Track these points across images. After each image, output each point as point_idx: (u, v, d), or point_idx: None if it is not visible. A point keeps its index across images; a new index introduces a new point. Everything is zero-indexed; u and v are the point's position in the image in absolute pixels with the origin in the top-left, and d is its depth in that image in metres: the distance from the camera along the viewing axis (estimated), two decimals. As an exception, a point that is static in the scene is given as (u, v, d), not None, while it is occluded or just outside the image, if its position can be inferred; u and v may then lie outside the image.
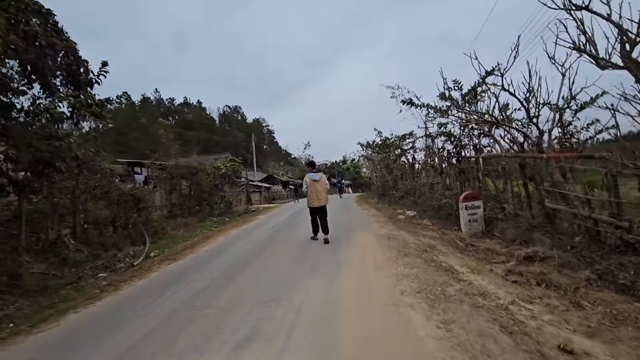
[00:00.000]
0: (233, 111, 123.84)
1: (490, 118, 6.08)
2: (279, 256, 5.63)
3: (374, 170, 26.31)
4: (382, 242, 6.14)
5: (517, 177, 6.30)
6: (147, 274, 5.46)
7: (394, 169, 16.83)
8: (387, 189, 16.93)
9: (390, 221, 8.97)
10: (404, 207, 12.15)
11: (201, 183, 13.33)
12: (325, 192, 6.99)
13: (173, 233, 10.83)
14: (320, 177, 7.01)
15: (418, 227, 7.84)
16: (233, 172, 15.39)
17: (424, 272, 4.18)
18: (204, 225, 12.19)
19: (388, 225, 8.27)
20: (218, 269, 5.20)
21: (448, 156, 8.76)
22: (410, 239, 6.41)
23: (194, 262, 5.93)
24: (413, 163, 13.74)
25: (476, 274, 4.13)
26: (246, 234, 8.70)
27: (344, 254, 5.45)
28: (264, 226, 10.09)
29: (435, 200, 9.95)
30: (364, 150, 31.63)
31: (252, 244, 7.05)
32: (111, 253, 7.88)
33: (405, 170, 14.88)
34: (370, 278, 4.09)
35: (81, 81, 4.92)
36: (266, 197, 27.25)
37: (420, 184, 12.19)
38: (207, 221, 13.02)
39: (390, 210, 11.73)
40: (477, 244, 5.79)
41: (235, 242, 7.54)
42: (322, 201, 6.88)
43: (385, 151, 17.82)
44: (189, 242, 8.19)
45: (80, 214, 7.86)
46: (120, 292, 4.50)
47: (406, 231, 7.27)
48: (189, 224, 12.33)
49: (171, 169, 11.97)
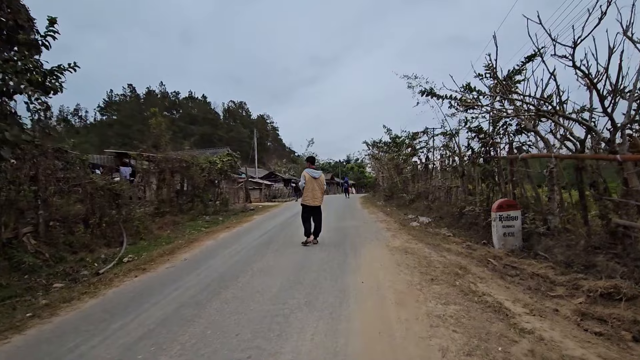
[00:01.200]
0: (238, 107, 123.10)
1: (543, 105, 4.84)
2: (270, 274, 4.46)
3: (380, 171, 25.09)
4: (398, 259, 4.95)
5: (569, 183, 5.08)
6: (102, 290, 4.32)
7: (403, 170, 15.60)
8: (396, 190, 15.73)
9: (403, 229, 7.78)
10: (416, 212, 10.95)
11: (194, 178, 12.20)
12: (322, 192, 6.58)
13: (158, 233, 9.73)
14: (320, 176, 6.61)
15: (437, 238, 6.64)
16: (230, 167, 14.25)
17: (465, 313, 2.99)
18: (194, 224, 11.07)
19: (401, 235, 7.08)
20: (190, 289, 4.05)
21: (473, 156, 7.53)
22: (433, 255, 5.22)
23: (165, 276, 4.79)
24: (427, 163, 12.52)
25: (538, 318, 2.94)
26: (236, 239, 7.55)
27: (351, 275, 4.27)
28: (258, 229, 8.94)
29: (454, 206, 8.74)
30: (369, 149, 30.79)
31: (240, 254, 5.89)
32: (79, 256, 6.79)
33: (417, 171, 13.65)
34: (391, 320, 2.91)
35: (19, 41, 3.78)
36: (266, 195, 26.09)
37: (434, 186, 10.98)
38: (199, 220, 11.91)
39: (401, 216, 10.54)
40: (518, 266, 4.59)
41: (222, 250, 6.39)
42: (317, 201, 6.49)
43: (395, 150, 16.57)
44: (170, 247, 7.06)
45: (44, 210, 6.77)
46: (51, 322, 3.35)
47: (425, 243, 6.08)
48: (178, 222, 11.22)
49: (160, 161, 10.84)
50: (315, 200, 6.48)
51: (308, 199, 6.46)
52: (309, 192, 6.45)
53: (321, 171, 6.82)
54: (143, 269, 5.28)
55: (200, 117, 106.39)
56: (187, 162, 11.52)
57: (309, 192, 6.45)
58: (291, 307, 3.23)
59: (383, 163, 20.16)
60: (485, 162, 7.01)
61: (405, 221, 9.09)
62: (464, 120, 7.64)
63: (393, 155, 16.83)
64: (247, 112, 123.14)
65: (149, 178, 10.86)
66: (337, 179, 60.09)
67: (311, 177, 6.50)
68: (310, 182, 6.47)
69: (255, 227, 9.33)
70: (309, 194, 6.46)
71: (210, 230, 9.25)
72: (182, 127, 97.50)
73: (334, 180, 57.86)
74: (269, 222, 10.36)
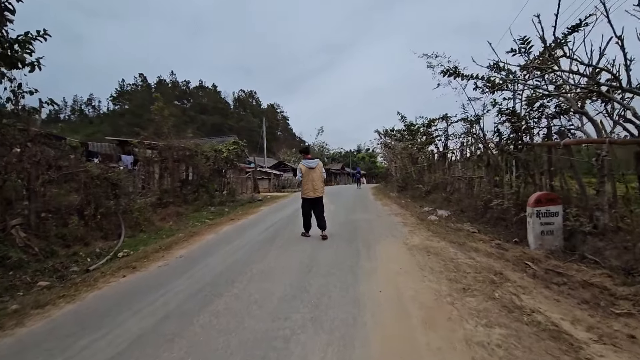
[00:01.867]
0: (248, 96, 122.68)
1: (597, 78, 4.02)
2: (271, 278, 3.86)
3: (392, 160, 24.22)
4: (420, 261, 4.29)
5: (626, 174, 4.29)
6: (83, 293, 3.82)
7: (418, 159, 14.76)
8: (410, 181, 14.95)
9: (421, 224, 7.09)
10: (433, 204, 10.21)
11: (199, 167, 11.70)
12: (322, 181, 6.19)
13: (160, 224, 9.30)
14: (317, 165, 6.22)
15: (461, 235, 5.94)
16: (236, 156, 13.70)
17: (516, 340, 2.33)
18: (198, 216, 10.61)
19: (420, 230, 6.39)
20: (178, 294, 3.50)
21: (502, 143, 6.73)
22: (460, 256, 4.54)
23: (155, 277, 4.26)
24: (445, 152, 11.68)
25: (612, 348, 2.27)
26: (239, 233, 7.00)
27: (365, 281, 3.64)
28: (264, 222, 8.38)
29: (476, 199, 7.98)
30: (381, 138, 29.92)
31: (241, 251, 5.32)
32: (73, 250, 6.37)
33: (434, 161, 12.81)
34: (420, 347, 2.27)
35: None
36: (275, 185, 25.57)
37: (453, 177, 10.19)
38: (204, 211, 11.45)
39: (417, 208, 9.82)
40: (564, 272, 3.87)
41: (222, 246, 5.84)
42: (318, 192, 6.09)
43: (409, 138, 15.70)
44: (168, 241, 6.57)
45: (33, 201, 6.34)
46: (13, 334, 2.84)
47: (448, 241, 5.39)
48: (181, 213, 10.78)
49: (162, 149, 10.34)
50: (317, 192, 6.07)
51: (309, 191, 6.06)
52: (308, 184, 6.06)
53: (317, 159, 6.38)
54: (133, 267, 4.76)
55: (211, 106, 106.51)
56: (190, 150, 10.99)
57: (308, 184, 6.06)
58: (293, 326, 2.62)
59: (396, 152, 19.31)
60: (517, 149, 6.21)
61: (422, 215, 8.38)
62: (491, 103, 6.81)
63: (407, 143, 15.95)
64: (257, 101, 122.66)
65: (151, 167, 10.39)
66: (348, 169, 59.27)
67: (308, 168, 6.10)
68: (308, 173, 6.08)
69: (260, 220, 8.77)
70: (308, 186, 6.05)
71: (214, 223, 8.74)
72: (193, 116, 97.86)
73: (345, 170, 57.08)
74: (275, 214, 9.80)
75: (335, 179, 51.32)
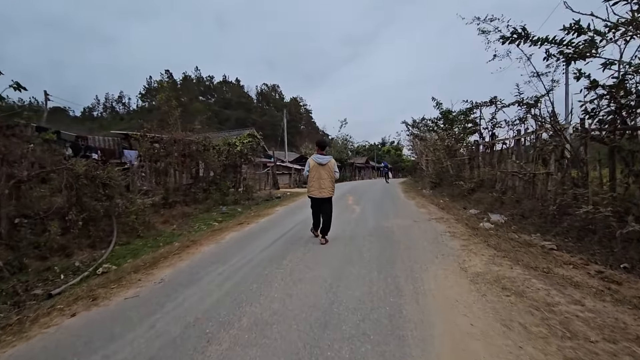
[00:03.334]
0: (271, 90, 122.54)
1: None
2: (264, 340, 2.47)
3: (423, 153, 22.28)
4: (499, 309, 2.75)
5: None
6: (2, 347, 2.64)
7: (457, 151, 12.87)
8: (446, 177, 13.14)
9: (475, 235, 5.48)
10: (480, 205, 8.49)
11: (208, 163, 10.58)
12: (331, 181, 5.49)
13: (162, 228, 8.27)
14: (329, 162, 5.54)
15: (535, 253, 4.33)
16: (251, 150, 12.47)
17: None
18: (207, 217, 9.50)
19: (477, 245, 4.81)
20: (138, 348, 2.23)
21: (592, 127, 4.96)
22: (556, 297, 2.96)
23: (109, 319, 3.01)
24: (492, 143, 9.81)
25: None
26: (246, 243, 5.72)
27: (420, 355, 2.18)
28: (275, 228, 7.07)
29: (542, 200, 6.25)
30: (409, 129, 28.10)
31: (237, 275, 3.99)
32: (49, 263, 5.37)
33: (477, 154, 10.90)
34: None
35: None
36: (296, 180, 24.26)
37: (506, 172, 8.40)
38: (214, 211, 10.34)
39: (461, 211, 8.14)
40: None
41: (221, 262, 4.56)
42: (324, 192, 5.42)
43: (446, 128, 13.77)
44: (157, 254, 5.41)
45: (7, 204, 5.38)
46: None
47: (524, 266, 3.80)
48: (189, 214, 9.72)
49: (167, 143, 9.26)
50: (322, 191, 5.40)
51: (314, 190, 5.44)
52: (314, 182, 5.44)
53: (330, 156, 5.65)
54: (94, 298, 3.57)
55: (234, 101, 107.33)
56: (198, 143, 9.85)
57: (314, 182, 5.44)
58: None
59: (429, 144, 17.37)
60: (616, 135, 4.46)
61: (471, 220, 6.74)
62: (575, 75, 5.03)
63: (444, 133, 13.98)
64: (280, 95, 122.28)
65: (155, 163, 9.36)
66: (373, 163, 57.42)
67: (317, 163, 5.46)
68: (316, 169, 5.44)
69: (272, 225, 7.46)
70: (314, 184, 5.43)
71: (220, 227, 7.54)
72: (217, 111, 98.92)
73: (369, 164, 55.22)
74: (291, 218, 8.47)
75: (359, 174, 49.58)
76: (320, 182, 5.41)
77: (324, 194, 5.41)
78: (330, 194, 5.47)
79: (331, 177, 5.46)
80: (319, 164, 5.46)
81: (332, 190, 5.50)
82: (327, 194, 5.43)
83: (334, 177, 5.50)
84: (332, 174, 5.49)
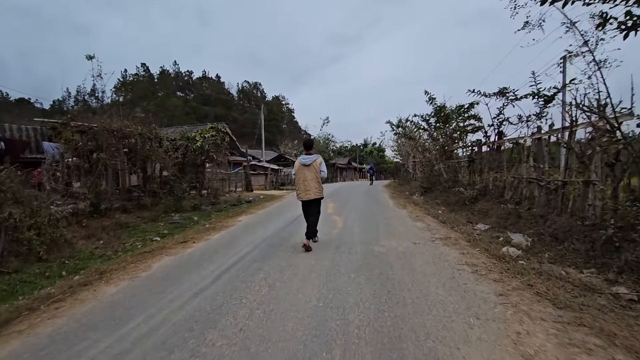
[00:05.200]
0: (252, 87, 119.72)
1: None
2: None
3: (410, 154, 20.91)
4: None
5: None
6: None
7: (453, 153, 11.37)
8: (439, 181, 11.64)
9: (506, 270, 3.85)
10: (486, 218, 6.97)
11: (159, 160, 8.57)
12: (317, 181, 5.18)
13: (82, 246, 6.30)
14: (313, 162, 5.21)
15: (621, 314, 2.74)
16: (215, 146, 10.48)
17: None
18: (150, 228, 7.53)
19: (520, 295, 3.14)
20: None
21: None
22: None
23: None
24: (500, 143, 8.30)
25: None
26: (176, 279, 3.87)
27: None
28: (231, 248, 5.24)
29: (583, 218, 4.73)
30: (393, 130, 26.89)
31: (161, 330, 2.17)
32: None
33: (481, 155, 9.35)
34: None
35: None
36: (273, 181, 22.27)
37: (519, 178, 6.90)
38: (162, 221, 8.36)
39: (467, 226, 6.56)
40: None
41: (114, 326, 2.70)
42: (310, 193, 5.15)
43: (438, 126, 12.23)
44: (17, 305, 3.46)
45: None
46: None
47: (626, 349, 2.19)
48: (127, 225, 7.69)
49: (97, 134, 7.21)
50: (308, 193, 5.17)
51: (300, 192, 5.26)
52: (300, 184, 5.25)
53: (317, 155, 5.39)
54: None
55: (214, 97, 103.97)
56: (141, 136, 7.84)
57: (300, 184, 5.25)
58: None
59: (418, 144, 15.87)
60: None
61: (486, 242, 5.13)
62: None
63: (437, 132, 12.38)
64: (262, 93, 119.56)
65: (84, 158, 7.29)
66: (355, 164, 56.28)
67: (301, 164, 5.27)
68: (301, 171, 5.26)
69: (226, 244, 5.61)
70: (300, 186, 5.25)
71: (155, 247, 5.61)
72: (195, 107, 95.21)
73: (351, 165, 53.94)
74: (256, 232, 6.65)
75: (341, 175, 48.07)
76: (305, 183, 5.18)
77: (310, 195, 5.16)
78: (316, 195, 5.19)
79: (317, 178, 5.18)
80: (303, 164, 5.24)
81: (319, 191, 5.21)
82: (313, 195, 5.17)
83: (319, 177, 5.19)
84: (317, 174, 5.19)
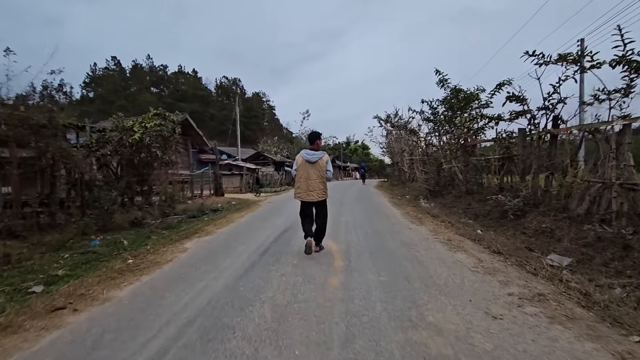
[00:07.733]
0: (232, 84, 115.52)
1: None
2: None
3: (406, 151, 18.74)
4: None
5: None
6: None
7: (473, 148, 9.07)
8: (452, 184, 9.37)
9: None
10: (551, 241, 4.70)
11: (56, 160, 5.83)
12: (322, 182, 4.63)
13: None
14: (319, 159, 4.63)
15: None
16: (161, 139, 7.70)
17: None
18: (44, 263, 4.78)
19: None
20: None
21: None
22: None
23: None
24: (557, 132, 6.02)
25: None
26: None
27: None
28: (144, 328, 2.64)
29: None
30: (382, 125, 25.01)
31: None
32: None
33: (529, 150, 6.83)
34: None
35: None
36: (249, 183, 19.43)
37: (608, 183, 4.66)
38: (72, 248, 5.61)
39: (529, 256, 4.25)
40: None
41: None
42: (313, 195, 4.58)
43: (450, 117, 9.85)
44: None
45: None
46: None
47: None
48: (6, 259, 4.95)
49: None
50: (311, 194, 4.56)
51: (301, 192, 4.65)
52: (301, 182, 4.62)
53: (323, 152, 4.71)
54: None
55: (190, 93, 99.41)
56: (28, 120, 5.10)
57: (301, 182, 4.62)
58: None
59: (421, 136, 13.62)
60: None
61: (600, 308, 2.81)
62: None
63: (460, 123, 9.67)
64: (241, 89, 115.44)
65: None
66: (339, 162, 54.92)
67: (305, 161, 4.65)
68: (304, 168, 4.64)
69: (125, 326, 3.01)
70: (301, 185, 4.63)
71: (13, 320, 2.92)
72: (170, 103, 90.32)
73: (335, 163, 52.30)
74: (197, 281, 4.08)
75: (325, 174, 45.93)
76: (308, 183, 4.62)
77: (313, 197, 4.60)
78: (320, 197, 4.64)
79: (322, 178, 4.65)
80: (308, 161, 4.65)
81: (324, 192, 4.68)
82: (317, 197, 4.62)
83: (324, 177, 4.66)
84: (323, 173, 4.65)
